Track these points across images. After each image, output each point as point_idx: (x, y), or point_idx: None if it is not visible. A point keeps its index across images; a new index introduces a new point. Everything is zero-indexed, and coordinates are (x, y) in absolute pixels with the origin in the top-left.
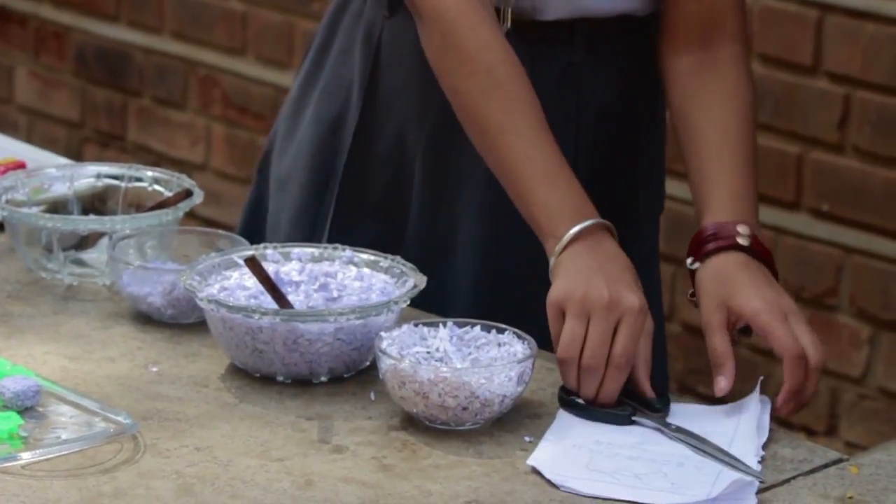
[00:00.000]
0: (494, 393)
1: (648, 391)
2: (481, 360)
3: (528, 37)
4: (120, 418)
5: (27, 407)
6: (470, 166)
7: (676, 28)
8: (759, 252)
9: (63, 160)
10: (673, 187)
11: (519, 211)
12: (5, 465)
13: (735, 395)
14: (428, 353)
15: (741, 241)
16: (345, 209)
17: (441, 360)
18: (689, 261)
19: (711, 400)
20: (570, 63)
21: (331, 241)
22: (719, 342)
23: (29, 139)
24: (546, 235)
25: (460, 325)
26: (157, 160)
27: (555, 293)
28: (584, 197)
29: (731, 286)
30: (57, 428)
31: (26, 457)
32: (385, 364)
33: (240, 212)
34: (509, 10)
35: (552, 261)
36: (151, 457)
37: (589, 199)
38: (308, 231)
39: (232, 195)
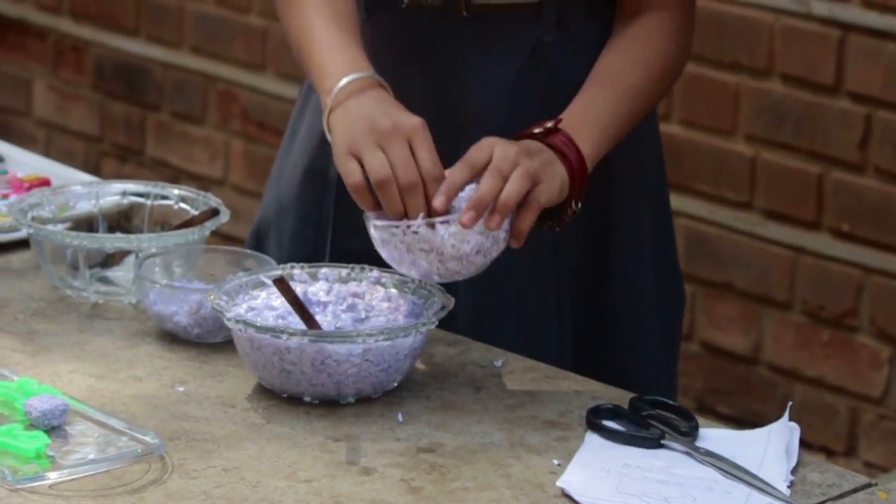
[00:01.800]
0: (502, 229)
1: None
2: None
3: (496, 16)
4: (147, 438)
5: (54, 426)
6: (455, 155)
7: (623, 4)
8: (549, 143)
9: (87, 177)
10: (691, 206)
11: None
12: (33, 484)
13: (755, 414)
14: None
15: (535, 129)
16: (343, 219)
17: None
18: None
19: (731, 420)
20: (541, 41)
21: (333, 251)
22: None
23: (47, 153)
24: (322, 94)
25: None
26: (175, 175)
27: (340, 144)
28: (361, 59)
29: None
30: (84, 447)
31: (53, 476)
32: (391, 239)
33: None
34: None
35: (325, 115)
36: (179, 477)
37: (367, 61)
38: (310, 244)
39: (250, 211)
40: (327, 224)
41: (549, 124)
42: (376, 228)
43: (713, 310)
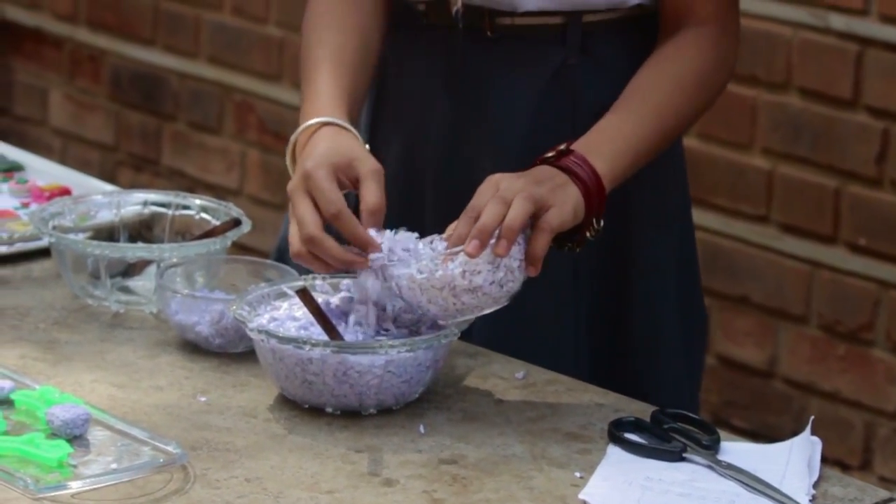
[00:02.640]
0: (512, 258)
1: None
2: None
3: (520, 37)
4: (169, 448)
5: (76, 435)
6: (477, 174)
7: (661, 21)
8: (569, 165)
9: (108, 187)
10: (708, 219)
11: None
12: (55, 493)
13: (770, 428)
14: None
15: (548, 154)
16: None
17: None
18: None
19: (746, 433)
20: (564, 63)
21: None
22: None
23: (63, 162)
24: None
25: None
26: (191, 185)
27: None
28: (335, 104)
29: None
30: (106, 457)
31: (76, 486)
32: (403, 278)
33: (272, 238)
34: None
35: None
36: (201, 487)
37: (331, 105)
38: None
39: (266, 221)
40: (343, 241)
41: (562, 147)
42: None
43: (729, 323)
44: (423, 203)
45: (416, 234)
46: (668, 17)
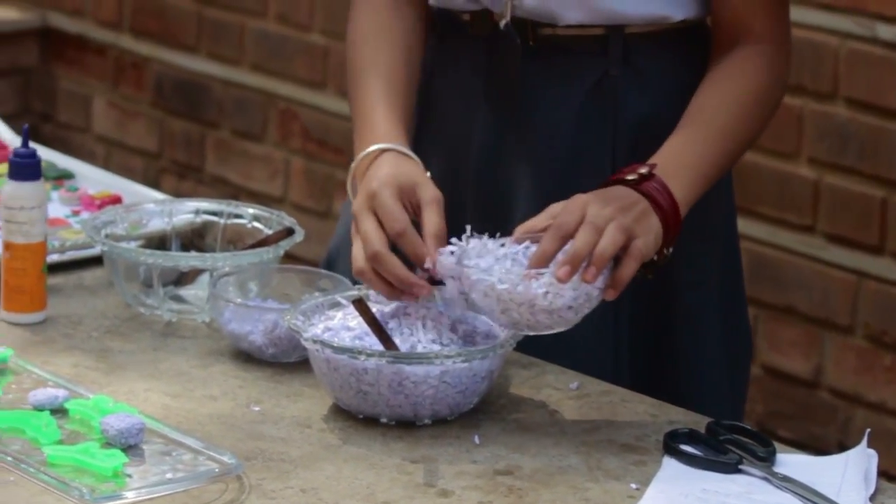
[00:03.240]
0: (594, 286)
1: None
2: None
3: (562, 47)
4: (225, 458)
5: (130, 445)
6: (517, 184)
7: (714, 37)
8: (650, 190)
9: (158, 195)
10: (753, 229)
11: None
12: (110, 503)
13: (816, 438)
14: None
15: (628, 176)
16: None
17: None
18: None
19: (791, 444)
20: (606, 74)
21: None
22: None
23: (106, 169)
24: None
25: (519, 242)
26: (234, 193)
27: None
28: (392, 128)
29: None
30: (160, 466)
31: (131, 496)
32: (482, 283)
33: (316, 245)
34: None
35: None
36: (257, 498)
37: (391, 132)
38: None
39: (310, 229)
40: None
41: (644, 170)
42: (471, 273)
43: (775, 333)
44: (465, 212)
45: (485, 236)
46: (722, 32)
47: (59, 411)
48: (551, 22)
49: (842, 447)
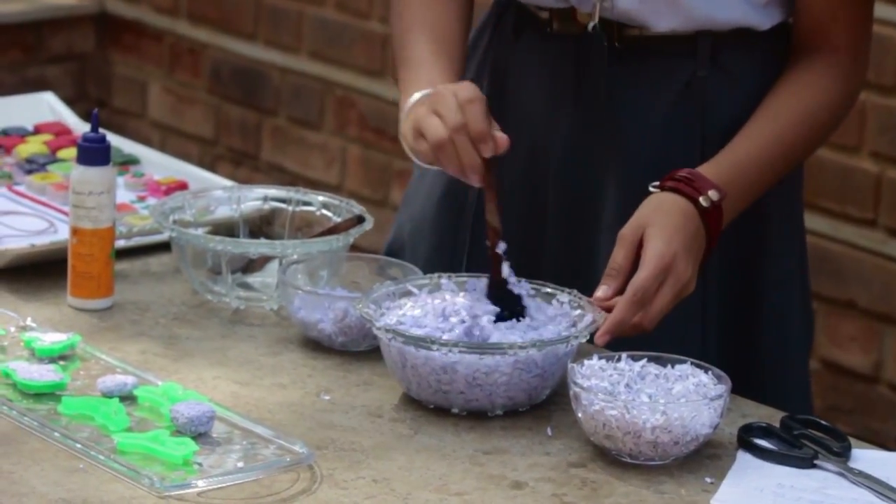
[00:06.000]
0: (704, 425)
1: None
2: (681, 393)
3: (649, 48)
4: (296, 447)
5: (200, 433)
6: (604, 186)
7: (794, 41)
8: (709, 219)
9: (225, 181)
10: (815, 222)
11: None
12: (181, 492)
13: (874, 433)
14: (627, 385)
15: (702, 200)
16: (480, 244)
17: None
18: (652, 184)
19: (856, 439)
20: (695, 75)
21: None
22: (619, 254)
23: None
24: (400, 109)
25: (635, 359)
26: (291, 180)
27: (406, 129)
28: (440, 76)
29: (660, 219)
30: (231, 455)
31: (202, 484)
32: (591, 405)
33: (372, 234)
34: (597, 6)
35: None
36: (329, 488)
37: (442, 75)
38: (445, 269)
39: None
40: (463, 251)
41: (715, 198)
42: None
43: (835, 327)
44: (545, 213)
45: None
46: (802, 38)
47: (127, 398)
48: (642, 27)
49: None
